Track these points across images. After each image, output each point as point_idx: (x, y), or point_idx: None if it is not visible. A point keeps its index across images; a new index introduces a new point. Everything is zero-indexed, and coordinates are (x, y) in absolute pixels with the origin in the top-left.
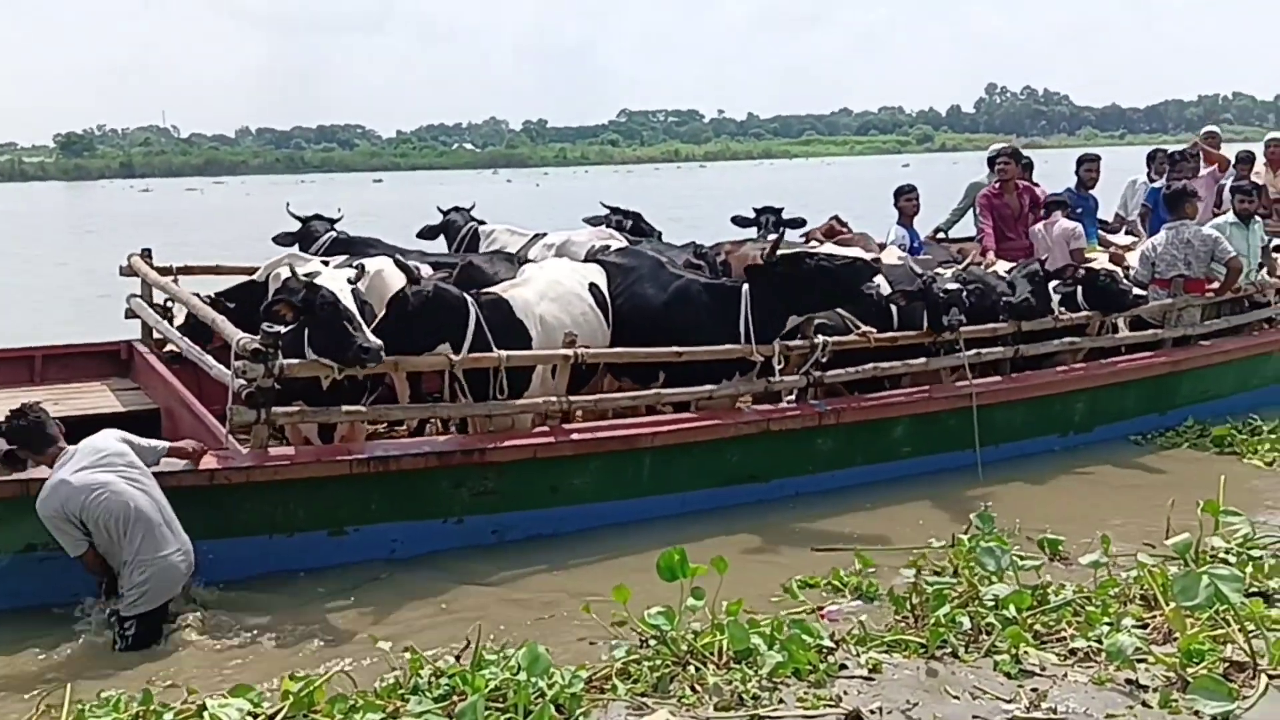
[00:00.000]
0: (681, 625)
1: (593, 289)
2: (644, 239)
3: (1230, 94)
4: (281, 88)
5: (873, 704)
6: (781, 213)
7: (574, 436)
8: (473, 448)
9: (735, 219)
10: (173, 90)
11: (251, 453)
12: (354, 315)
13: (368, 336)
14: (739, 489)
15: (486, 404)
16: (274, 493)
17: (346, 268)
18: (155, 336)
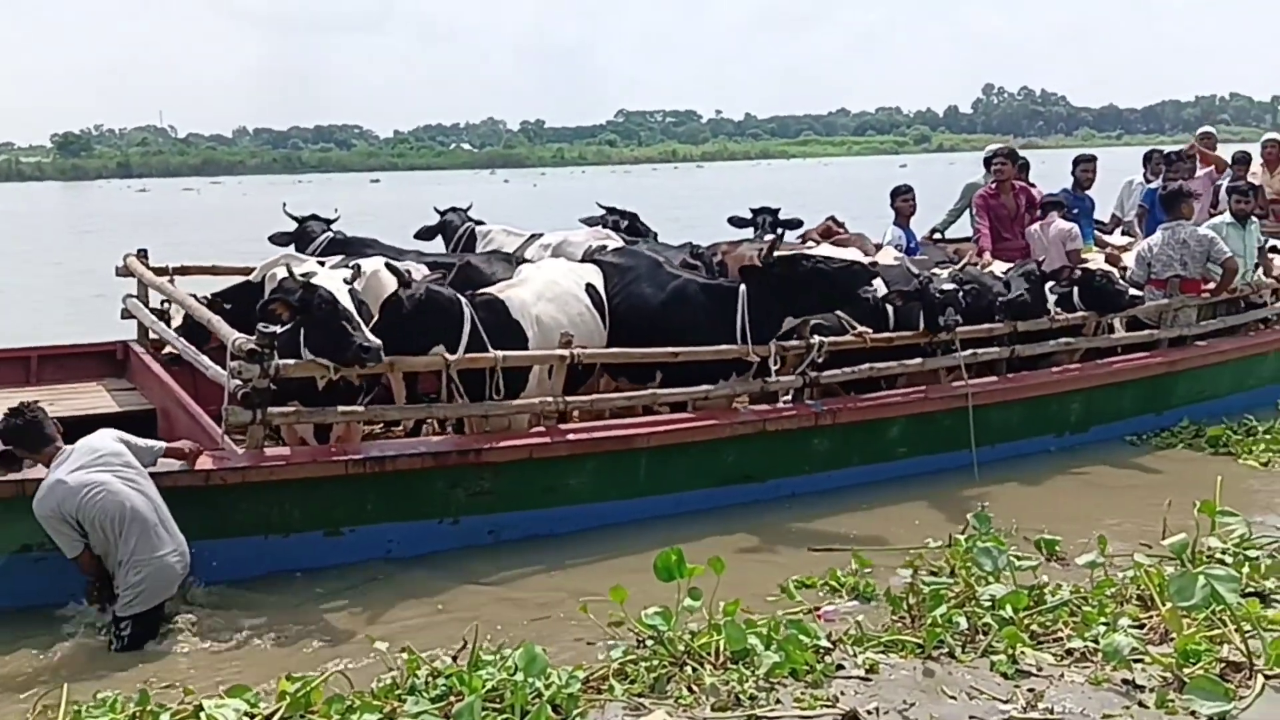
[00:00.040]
0: (678, 625)
1: (589, 289)
2: (640, 239)
3: (1227, 94)
4: (279, 88)
5: (869, 704)
6: (778, 213)
7: (570, 437)
8: (469, 448)
9: (732, 219)
10: (170, 90)
11: (247, 453)
12: (352, 314)
13: (367, 335)
14: (735, 489)
15: (483, 404)
16: (270, 493)
17: (342, 268)
18: (151, 337)
